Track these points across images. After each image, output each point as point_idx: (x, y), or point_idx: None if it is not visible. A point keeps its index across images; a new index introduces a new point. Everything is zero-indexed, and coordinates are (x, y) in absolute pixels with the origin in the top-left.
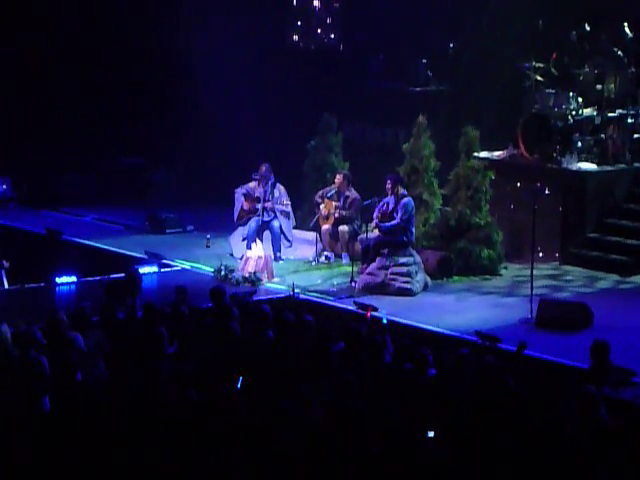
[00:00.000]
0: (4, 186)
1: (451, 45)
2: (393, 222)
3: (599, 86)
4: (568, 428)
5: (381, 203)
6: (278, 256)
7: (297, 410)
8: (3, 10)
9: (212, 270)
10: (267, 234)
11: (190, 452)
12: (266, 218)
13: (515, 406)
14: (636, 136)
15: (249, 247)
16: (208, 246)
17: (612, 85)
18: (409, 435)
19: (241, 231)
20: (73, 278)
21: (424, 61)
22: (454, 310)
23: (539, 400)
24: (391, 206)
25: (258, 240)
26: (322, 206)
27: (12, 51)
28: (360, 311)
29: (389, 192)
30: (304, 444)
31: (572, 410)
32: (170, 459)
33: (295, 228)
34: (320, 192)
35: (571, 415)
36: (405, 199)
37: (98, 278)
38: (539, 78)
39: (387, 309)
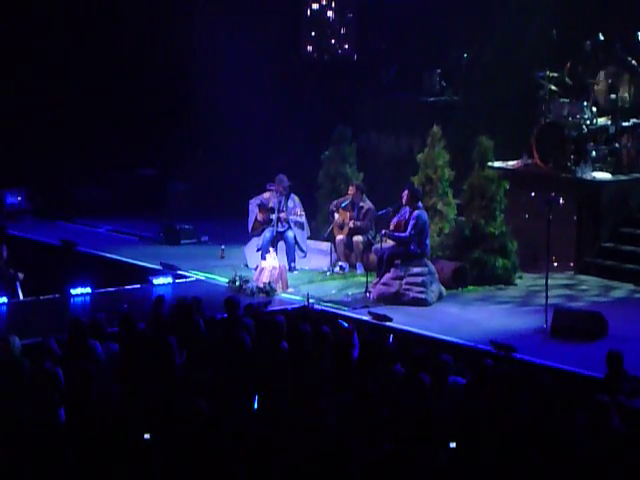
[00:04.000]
0: (19, 198)
1: (465, 55)
2: (403, 234)
3: (613, 95)
4: (581, 437)
5: (399, 213)
6: (292, 266)
7: (312, 421)
8: (17, 23)
9: (227, 281)
10: (281, 244)
11: (202, 465)
12: (280, 229)
13: (529, 415)
14: None
15: (263, 258)
16: (222, 257)
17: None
18: (429, 445)
19: (255, 242)
20: (88, 289)
21: (438, 71)
22: (469, 320)
23: (553, 409)
24: (406, 217)
25: (272, 250)
26: (337, 215)
27: (28, 64)
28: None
29: (404, 202)
30: (317, 456)
31: (585, 419)
32: (182, 472)
33: (309, 238)
34: (335, 202)
35: (584, 424)
36: (417, 212)
37: (113, 289)
38: (553, 87)
39: (402, 319)
